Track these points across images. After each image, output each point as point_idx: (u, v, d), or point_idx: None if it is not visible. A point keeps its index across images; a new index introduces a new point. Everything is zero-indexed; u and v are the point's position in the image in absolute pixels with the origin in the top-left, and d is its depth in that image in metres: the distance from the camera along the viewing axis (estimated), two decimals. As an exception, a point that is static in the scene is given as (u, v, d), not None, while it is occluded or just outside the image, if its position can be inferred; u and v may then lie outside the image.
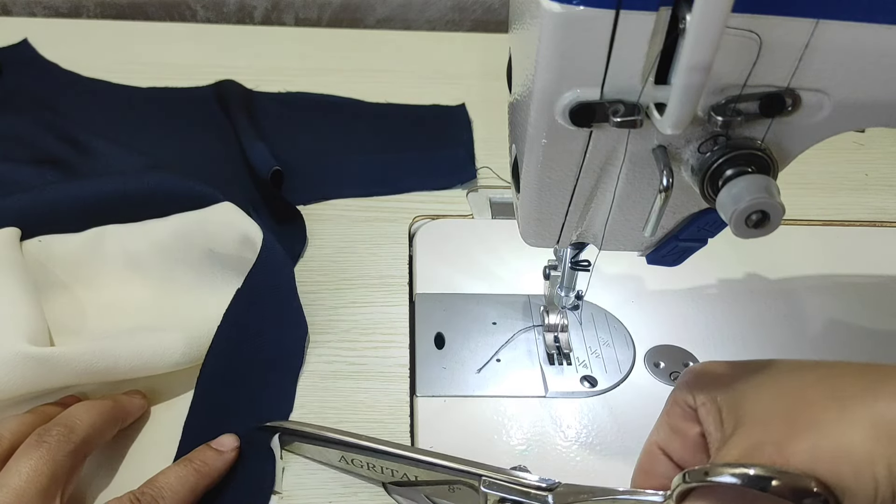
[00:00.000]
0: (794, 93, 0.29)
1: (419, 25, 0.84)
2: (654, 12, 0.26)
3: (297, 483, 0.40)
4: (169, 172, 0.49)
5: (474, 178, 0.59)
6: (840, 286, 0.53)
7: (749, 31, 0.27)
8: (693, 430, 0.34)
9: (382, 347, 0.47)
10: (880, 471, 0.26)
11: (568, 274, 0.44)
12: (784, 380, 0.31)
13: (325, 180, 0.58)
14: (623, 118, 0.28)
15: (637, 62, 0.27)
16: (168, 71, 0.69)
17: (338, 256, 0.53)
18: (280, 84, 0.68)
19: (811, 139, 0.31)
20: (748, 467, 0.27)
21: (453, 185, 0.59)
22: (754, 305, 0.51)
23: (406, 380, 0.45)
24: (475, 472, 0.36)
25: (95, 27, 0.76)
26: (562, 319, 0.46)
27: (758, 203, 0.28)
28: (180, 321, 0.46)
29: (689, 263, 0.38)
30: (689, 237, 0.35)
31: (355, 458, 0.39)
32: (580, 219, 0.36)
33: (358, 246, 0.54)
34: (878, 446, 0.26)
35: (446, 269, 0.52)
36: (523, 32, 0.30)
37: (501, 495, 0.35)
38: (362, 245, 0.54)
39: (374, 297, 0.50)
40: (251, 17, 0.82)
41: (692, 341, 0.48)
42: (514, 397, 0.44)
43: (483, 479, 0.35)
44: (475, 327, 0.48)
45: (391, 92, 0.68)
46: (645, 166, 0.31)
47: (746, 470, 0.27)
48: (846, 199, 0.60)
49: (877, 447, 0.26)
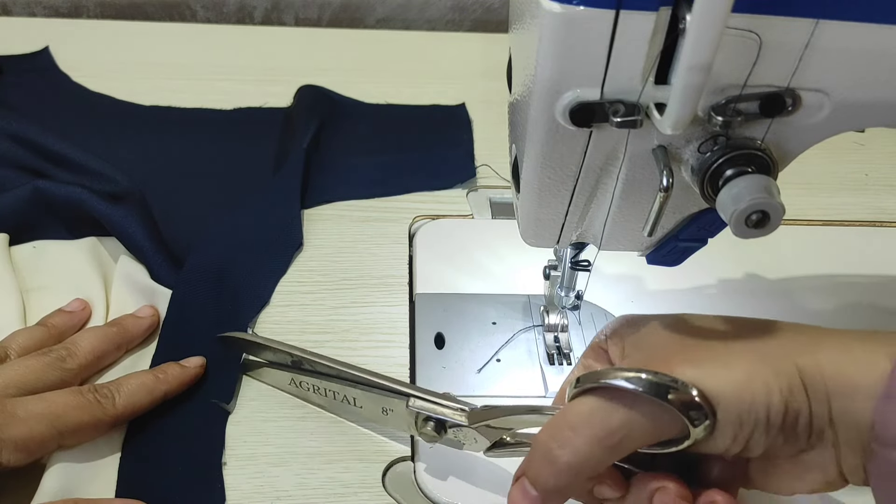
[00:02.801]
0: (794, 93, 0.29)
1: (419, 25, 0.83)
2: (654, 12, 0.26)
3: (297, 483, 0.40)
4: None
5: (474, 178, 0.59)
6: (840, 286, 0.53)
7: (749, 31, 0.27)
8: (603, 366, 0.36)
9: (382, 347, 0.47)
10: (757, 391, 0.28)
11: (568, 274, 0.44)
12: (685, 323, 0.34)
13: (326, 183, 0.58)
14: (623, 118, 0.28)
15: (637, 62, 0.27)
16: (168, 71, 0.69)
17: (338, 256, 0.53)
18: (280, 84, 0.68)
19: (811, 139, 0.31)
20: (641, 372, 0.29)
21: (453, 184, 0.58)
22: (754, 305, 0.51)
23: (406, 380, 0.45)
24: (404, 391, 0.39)
25: (95, 27, 0.76)
26: (562, 319, 0.46)
27: (758, 203, 0.28)
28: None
29: (689, 263, 0.38)
30: (689, 237, 0.35)
31: (303, 380, 0.42)
32: (580, 219, 0.36)
33: (358, 246, 0.54)
34: (757, 370, 0.29)
35: (446, 269, 0.52)
36: (523, 32, 0.30)
37: (427, 414, 0.38)
38: (362, 245, 0.54)
39: (374, 297, 0.50)
40: (251, 17, 0.82)
41: (692, 341, 0.48)
42: (514, 397, 0.44)
43: (411, 399, 0.38)
44: (475, 327, 0.48)
45: (391, 92, 0.68)
46: (645, 166, 0.31)
47: (639, 375, 0.29)
48: (846, 199, 0.60)
49: (756, 370, 0.29)
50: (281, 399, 0.44)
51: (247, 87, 0.68)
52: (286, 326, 0.48)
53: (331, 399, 0.42)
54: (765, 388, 0.28)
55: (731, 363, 0.30)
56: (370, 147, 0.62)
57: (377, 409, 0.40)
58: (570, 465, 0.30)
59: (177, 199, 0.55)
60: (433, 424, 0.38)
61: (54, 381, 0.39)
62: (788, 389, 0.28)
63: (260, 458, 0.41)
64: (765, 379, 0.29)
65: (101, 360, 0.42)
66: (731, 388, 0.28)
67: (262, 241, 0.52)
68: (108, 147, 0.59)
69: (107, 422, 0.39)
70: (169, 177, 0.58)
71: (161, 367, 0.42)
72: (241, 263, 0.50)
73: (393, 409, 0.40)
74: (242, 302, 0.48)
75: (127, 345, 0.44)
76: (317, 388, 0.42)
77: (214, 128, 0.64)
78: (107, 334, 0.43)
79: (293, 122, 0.63)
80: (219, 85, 0.68)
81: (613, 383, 0.29)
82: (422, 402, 0.38)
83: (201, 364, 0.43)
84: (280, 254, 0.51)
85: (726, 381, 0.29)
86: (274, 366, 0.43)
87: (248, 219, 0.53)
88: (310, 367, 0.42)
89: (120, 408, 0.39)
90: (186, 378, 0.42)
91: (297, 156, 0.57)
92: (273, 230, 0.52)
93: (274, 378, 0.44)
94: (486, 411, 0.37)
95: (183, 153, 0.61)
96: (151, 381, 0.41)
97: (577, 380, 0.31)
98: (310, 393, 0.43)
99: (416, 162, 0.60)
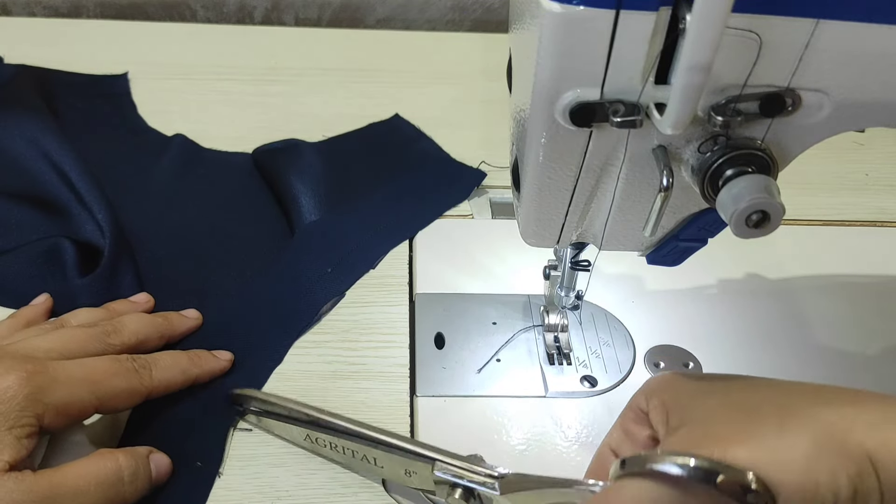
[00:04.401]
0: (795, 93, 0.29)
1: (419, 25, 0.83)
2: (654, 12, 0.26)
3: (297, 483, 0.40)
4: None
5: (483, 177, 0.58)
6: (840, 286, 0.53)
7: (749, 31, 0.27)
8: (643, 433, 0.34)
9: (382, 347, 0.47)
10: (822, 478, 0.26)
11: (568, 274, 0.44)
12: (734, 389, 0.31)
13: (348, 253, 0.52)
14: (623, 118, 0.28)
15: (637, 62, 0.27)
16: (168, 71, 0.69)
17: (338, 256, 0.53)
18: (280, 84, 0.68)
19: (811, 139, 0.31)
20: (690, 457, 0.26)
21: (467, 195, 0.57)
22: (754, 305, 0.51)
23: (406, 380, 0.45)
24: (429, 455, 0.36)
25: (95, 27, 0.76)
26: (562, 319, 0.46)
27: (758, 203, 0.28)
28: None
29: (689, 263, 0.38)
30: (689, 237, 0.35)
31: (319, 437, 0.39)
32: (580, 219, 0.36)
33: (358, 246, 0.54)
34: (820, 453, 0.26)
35: (446, 269, 0.52)
36: (523, 32, 0.30)
37: (454, 480, 0.35)
38: (362, 245, 0.54)
39: (374, 297, 0.50)
40: (251, 17, 0.82)
41: (692, 341, 0.48)
42: (514, 397, 0.44)
43: (437, 464, 0.36)
44: (475, 327, 0.48)
45: (391, 92, 0.68)
46: (645, 166, 0.31)
47: (687, 460, 0.26)
48: (846, 199, 0.60)
49: (819, 454, 0.26)
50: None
51: (247, 87, 0.68)
52: (286, 326, 0.48)
53: (349, 457, 0.39)
54: (830, 475, 0.26)
55: (792, 444, 0.27)
56: (346, 191, 0.57)
57: (400, 470, 0.38)
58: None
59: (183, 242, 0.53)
60: (461, 492, 0.35)
61: (96, 352, 0.40)
62: (857, 474, 0.26)
63: (260, 458, 0.41)
64: (830, 464, 0.26)
65: (143, 343, 0.43)
66: (793, 476, 0.26)
67: (278, 309, 0.49)
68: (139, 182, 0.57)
69: (142, 392, 0.39)
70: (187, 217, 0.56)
71: (195, 352, 0.43)
72: (256, 325, 0.48)
73: (416, 473, 0.37)
74: (256, 359, 0.46)
75: (169, 337, 0.45)
76: (334, 446, 0.39)
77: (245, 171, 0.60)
78: (153, 321, 0.44)
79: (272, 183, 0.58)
80: (219, 85, 0.68)
81: (663, 469, 0.27)
82: (447, 468, 0.36)
83: (230, 359, 0.44)
84: (295, 322, 0.48)
85: (788, 468, 0.26)
86: (289, 420, 0.41)
87: (267, 293, 0.50)
88: (326, 424, 0.39)
89: (156, 381, 0.40)
90: (217, 367, 0.43)
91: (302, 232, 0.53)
92: (289, 302, 0.49)
93: (288, 433, 0.41)
94: (519, 480, 0.34)
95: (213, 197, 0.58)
96: (186, 361, 0.42)
97: (621, 461, 0.28)
98: (326, 450, 0.40)
99: (412, 192, 0.57)
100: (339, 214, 0.54)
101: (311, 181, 0.56)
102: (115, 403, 0.38)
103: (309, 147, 0.61)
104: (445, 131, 0.64)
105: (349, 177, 0.58)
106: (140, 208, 0.55)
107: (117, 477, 0.36)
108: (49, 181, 0.54)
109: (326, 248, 0.52)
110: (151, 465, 0.38)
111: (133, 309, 0.46)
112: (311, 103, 0.67)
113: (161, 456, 0.39)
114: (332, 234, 0.53)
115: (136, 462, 0.37)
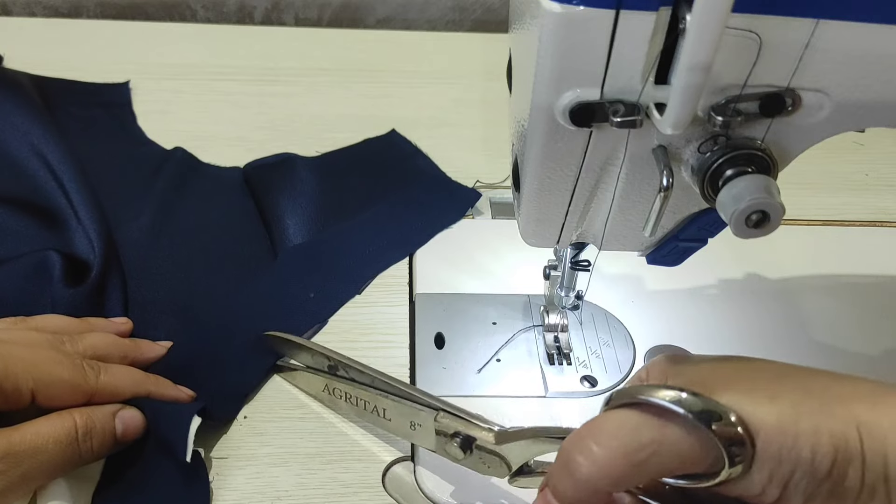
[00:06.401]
0: (794, 93, 0.29)
1: (419, 25, 0.83)
2: (654, 12, 0.26)
3: (297, 483, 0.40)
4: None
5: (478, 197, 0.57)
6: (840, 286, 0.53)
7: (749, 31, 0.27)
8: None
9: (382, 347, 0.47)
10: (804, 427, 0.26)
11: (568, 274, 0.44)
12: (736, 359, 0.32)
13: (347, 269, 0.52)
14: (623, 118, 0.28)
15: (637, 62, 0.27)
16: (168, 71, 0.69)
17: (338, 256, 0.53)
18: (280, 84, 0.68)
19: (811, 139, 0.31)
20: (681, 391, 0.27)
21: (461, 217, 0.56)
22: (754, 305, 0.51)
23: (406, 380, 0.45)
24: (435, 404, 0.38)
25: (95, 27, 0.76)
26: (562, 319, 0.46)
27: (758, 203, 0.28)
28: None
29: (689, 263, 0.38)
30: (689, 237, 0.35)
31: (337, 386, 0.42)
32: (580, 219, 0.36)
33: (358, 246, 0.53)
34: (806, 407, 0.27)
35: (446, 269, 0.52)
36: (523, 32, 0.30)
37: (454, 429, 0.37)
38: (362, 245, 0.54)
39: (374, 296, 0.50)
40: (251, 17, 0.82)
41: (692, 341, 0.48)
42: (514, 397, 0.44)
43: (439, 413, 0.38)
44: (475, 327, 0.48)
45: (391, 92, 0.68)
46: (645, 166, 0.31)
47: (671, 393, 0.27)
48: (846, 199, 0.60)
49: (805, 407, 0.27)
50: (281, 400, 0.44)
51: (247, 87, 0.68)
52: (286, 326, 0.48)
53: (361, 409, 0.41)
54: (813, 427, 0.26)
55: (779, 396, 0.27)
56: (337, 211, 0.56)
57: (406, 423, 0.39)
58: (589, 477, 0.28)
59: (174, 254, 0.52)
60: (459, 441, 0.37)
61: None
62: (842, 435, 0.26)
63: (260, 458, 0.41)
64: (814, 418, 0.26)
65: (101, 358, 0.41)
66: (775, 420, 0.26)
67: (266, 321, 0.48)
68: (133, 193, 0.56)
69: (85, 389, 0.38)
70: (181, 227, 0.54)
71: (156, 376, 0.42)
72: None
73: (421, 425, 0.39)
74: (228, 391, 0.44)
75: (133, 360, 0.43)
76: (349, 397, 0.41)
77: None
78: (116, 341, 0.43)
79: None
80: (219, 85, 0.68)
81: (650, 400, 0.27)
82: (449, 418, 0.37)
83: (191, 396, 0.42)
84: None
85: (770, 412, 0.27)
86: (310, 370, 0.43)
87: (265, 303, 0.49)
88: (345, 373, 0.42)
89: (102, 383, 0.38)
90: (175, 394, 0.42)
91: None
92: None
93: (308, 383, 0.43)
94: (514, 432, 0.35)
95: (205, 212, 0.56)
96: (141, 376, 0.41)
97: (610, 395, 0.29)
98: (341, 401, 0.42)
99: (402, 216, 0.55)
100: (326, 238, 0.53)
101: (302, 200, 0.55)
102: (54, 393, 0.37)
103: (302, 162, 0.59)
104: (445, 131, 0.64)
105: (340, 197, 0.57)
106: (136, 225, 0.53)
107: (75, 435, 0.36)
108: (49, 190, 0.54)
109: (309, 272, 0.51)
110: (118, 421, 0.38)
111: (108, 327, 0.45)
112: (310, 103, 0.67)
113: (131, 412, 0.38)
114: (317, 257, 0.52)
115: (95, 420, 0.37)
